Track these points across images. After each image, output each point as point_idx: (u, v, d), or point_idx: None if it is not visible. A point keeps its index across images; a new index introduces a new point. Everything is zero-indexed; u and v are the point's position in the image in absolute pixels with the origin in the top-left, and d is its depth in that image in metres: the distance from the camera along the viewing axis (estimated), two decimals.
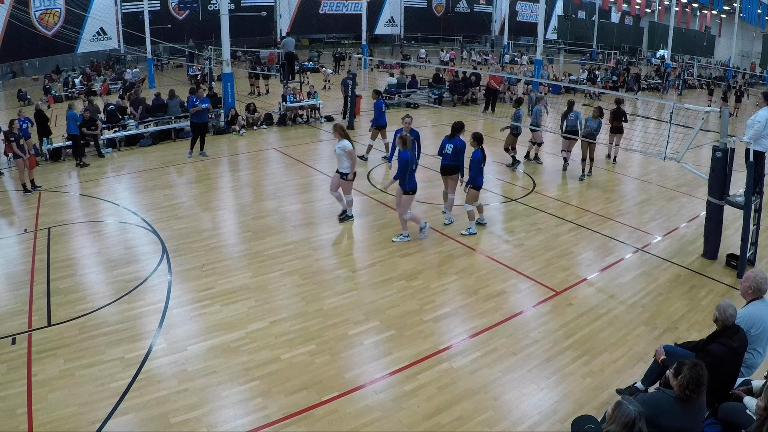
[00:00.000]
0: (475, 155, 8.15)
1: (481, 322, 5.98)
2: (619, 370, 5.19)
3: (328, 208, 9.53)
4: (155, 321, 5.92)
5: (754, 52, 43.86)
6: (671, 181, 11.50)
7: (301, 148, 13.93)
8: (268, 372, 5.08)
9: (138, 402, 4.66)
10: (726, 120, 7.45)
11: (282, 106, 17.07)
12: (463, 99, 20.52)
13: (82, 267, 7.25)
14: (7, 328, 5.73)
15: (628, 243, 8.21)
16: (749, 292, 4.41)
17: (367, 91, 19.68)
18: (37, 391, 4.77)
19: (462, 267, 7.30)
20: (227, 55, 15.72)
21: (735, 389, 4.11)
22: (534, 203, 9.84)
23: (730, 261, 7.47)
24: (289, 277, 6.97)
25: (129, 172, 11.98)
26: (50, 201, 9.94)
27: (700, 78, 33.24)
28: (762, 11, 37.19)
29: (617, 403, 3.13)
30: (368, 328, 5.83)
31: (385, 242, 8.05)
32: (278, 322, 5.93)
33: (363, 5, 31.29)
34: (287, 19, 38.12)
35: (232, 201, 10.08)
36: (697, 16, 49.05)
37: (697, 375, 3.37)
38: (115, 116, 14.72)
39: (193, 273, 7.05)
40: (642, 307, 6.37)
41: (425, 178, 11.44)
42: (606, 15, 48.90)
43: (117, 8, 28.96)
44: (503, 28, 42.18)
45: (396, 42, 43.78)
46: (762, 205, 7.60)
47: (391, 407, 4.66)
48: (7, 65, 27.24)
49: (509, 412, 4.65)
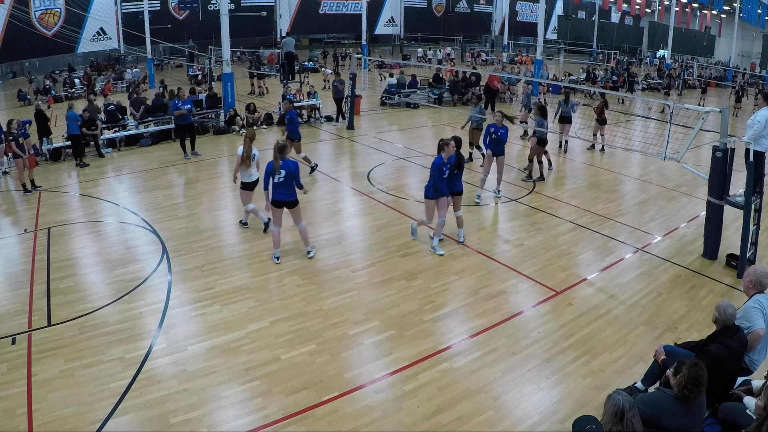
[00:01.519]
0: (435, 162, 7.31)
1: (481, 322, 5.98)
2: (619, 370, 5.18)
3: (328, 208, 9.54)
4: (155, 321, 5.92)
5: (754, 52, 43.85)
6: (671, 181, 11.50)
7: (301, 148, 13.88)
8: (268, 372, 5.08)
9: (138, 402, 4.65)
10: (726, 120, 7.45)
11: (282, 106, 17.07)
12: (463, 99, 20.52)
13: (82, 267, 7.26)
14: (7, 328, 5.73)
15: (628, 243, 8.21)
16: (750, 287, 4.47)
17: (367, 91, 19.72)
18: (37, 391, 4.77)
19: (462, 267, 7.30)
20: (227, 55, 15.72)
21: (735, 389, 4.11)
22: (534, 203, 9.84)
23: (730, 261, 7.47)
24: (289, 277, 6.97)
25: (129, 172, 11.98)
26: (50, 201, 9.94)
27: (700, 78, 33.24)
28: (762, 11, 37.19)
29: (608, 397, 3.20)
30: (368, 328, 5.83)
31: (385, 242, 8.05)
32: (278, 322, 5.93)
33: (363, 5, 31.31)
34: (287, 19, 38.16)
35: (232, 201, 10.08)
36: (697, 16, 49.08)
37: (696, 374, 3.38)
38: (115, 116, 14.73)
39: (193, 273, 7.05)
40: (642, 307, 6.37)
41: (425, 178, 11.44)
42: (606, 15, 48.94)
43: (117, 8, 28.97)
44: (503, 28, 42.22)
45: (396, 42, 43.80)
46: (762, 205, 7.59)
47: (391, 407, 4.66)
48: (7, 65, 27.24)
49: (509, 412, 4.65)
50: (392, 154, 13.30)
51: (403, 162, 12.62)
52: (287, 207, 7.13)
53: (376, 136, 15.29)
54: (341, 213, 9.42)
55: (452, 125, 17.11)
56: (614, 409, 3.08)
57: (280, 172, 6.90)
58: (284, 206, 7.11)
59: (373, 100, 20.96)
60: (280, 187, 6.98)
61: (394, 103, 20.38)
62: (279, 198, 7.04)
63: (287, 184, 6.98)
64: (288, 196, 7.05)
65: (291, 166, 6.97)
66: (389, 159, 12.82)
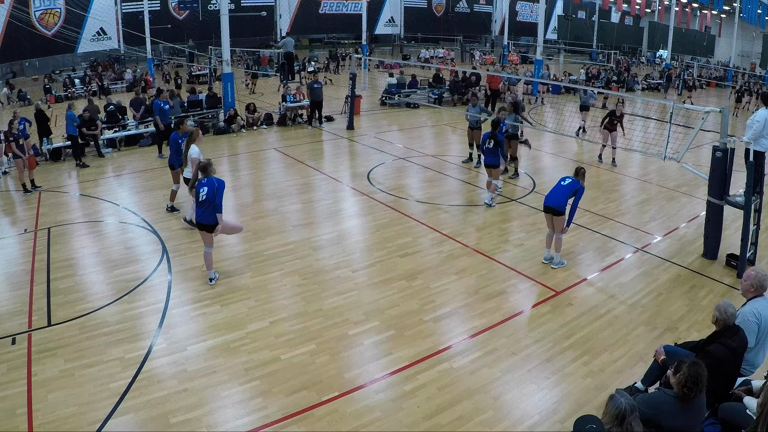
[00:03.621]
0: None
1: (481, 322, 5.98)
2: (619, 370, 5.19)
3: (328, 208, 9.54)
4: (155, 321, 5.92)
5: (754, 52, 43.84)
6: (671, 181, 11.50)
7: (301, 148, 13.93)
8: (268, 372, 5.08)
9: (138, 402, 4.66)
10: (726, 120, 7.45)
11: (282, 106, 17.07)
12: (463, 99, 20.52)
13: (82, 267, 7.26)
14: (7, 328, 5.73)
15: (628, 243, 8.21)
16: (751, 290, 4.39)
17: (367, 91, 19.71)
18: (37, 391, 4.77)
19: (462, 267, 7.30)
20: (227, 55, 15.72)
21: (735, 389, 4.11)
22: (534, 203, 9.83)
23: (730, 261, 7.47)
24: (289, 277, 6.97)
25: (129, 172, 11.98)
26: (50, 201, 9.94)
27: (700, 78, 33.24)
28: (762, 11, 37.16)
29: (610, 396, 3.20)
30: (368, 328, 5.83)
31: (385, 242, 8.05)
32: (278, 322, 5.93)
33: (363, 5, 31.32)
34: (287, 19, 38.15)
35: (232, 201, 10.07)
36: (697, 16, 49.06)
37: (696, 373, 3.38)
38: (115, 116, 14.74)
39: (193, 273, 7.05)
40: (642, 307, 6.37)
41: (425, 178, 11.45)
42: (606, 15, 48.90)
43: (117, 8, 28.97)
44: (503, 28, 42.20)
45: (396, 42, 43.80)
46: (762, 205, 7.60)
47: (391, 407, 4.66)
48: (7, 65, 27.24)
49: (509, 412, 4.65)
50: (392, 154, 13.30)
51: (403, 162, 12.62)
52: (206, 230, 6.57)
53: (376, 136, 15.29)
54: (341, 213, 9.42)
55: (452, 125, 17.12)
56: (616, 411, 3.08)
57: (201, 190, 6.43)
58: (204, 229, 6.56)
59: (373, 100, 20.96)
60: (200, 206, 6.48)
61: (394, 103, 20.38)
62: (198, 219, 6.56)
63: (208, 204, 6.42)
64: (206, 218, 6.50)
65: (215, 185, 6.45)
66: (389, 159, 12.82)
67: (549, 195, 7.18)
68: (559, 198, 7.01)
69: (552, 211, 7.06)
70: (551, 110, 20.26)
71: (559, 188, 7.08)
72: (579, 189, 6.98)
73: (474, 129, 12.02)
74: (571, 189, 6.98)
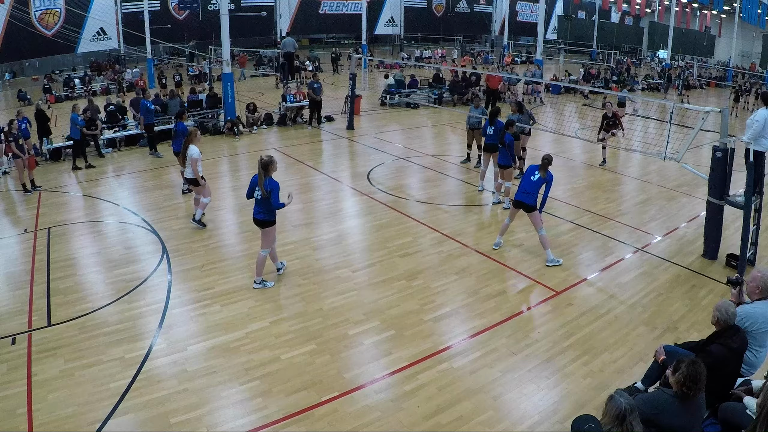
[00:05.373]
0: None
1: (481, 322, 5.98)
2: (619, 370, 5.19)
3: (328, 208, 9.54)
4: (155, 321, 5.92)
5: (754, 52, 43.81)
6: (671, 181, 11.50)
7: (301, 148, 13.93)
8: (268, 372, 5.08)
9: (138, 402, 4.66)
10: (726, 120, 7.45)
11: (282, 106, 17.07)
12: (463, 99, 20.52)
13: (82, 267, 7.26)
14: (7, 328, 5.73)
15: (628, 243, 8.21)
16: (756, 292, 4.35)
17: (367, 91, 19.71)
18: (37, 391, 4.77)
19: (462, 267, 7.30)
20: (227, 55, 15.71)
21: (735, 389, 4.11)
22: None
23: (730, 261, 7.47)
24: (289, 277, 6.97)
25: (129, 172, 11.98)
26: (50, 201, 9.94)
27: (701, 78, 33.23)
28: (762, 11, 37.12)
29: (609, 397, 3.19)
30: (368, 328, 5.83)
31: (385, 242, 8.05)
32: (278, 322, 5.93)
33: (363, 5, 31.27)
34: (287, 19, 38.13)
35: (232, 201, 10.09)
36: (697, 16, 49.03)
37: (695, 372, 3.37)
38: (115, 116, 14.74)
39: (193, 273, 7.05)
40: (642, 307, 6.37)
41: (425, 178, 11.45)
42: (606, 15, 48.88)
43: (117, 8, 28.95)
44: (503, 28, 42.20)
45: (396, 42, 43.79)
46: (762, 205, 7.59)
47: (391, 407, 4.66)
48: (7, 65, 27.25)
49: (509, 412, 4.65)
50: (392, 154, 13.30)
51: (403, 162, 12.62)
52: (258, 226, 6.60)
53: (376, 136, 15.28)
54: (341, 213, 9.42)
55: (452, 125, 17.12)
56: (616, 411, 3.07)
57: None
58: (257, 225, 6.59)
59: (373, 100, 20.95)
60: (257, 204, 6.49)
61: (394, 103, 20.37)
62: (253, 215, 6.57)
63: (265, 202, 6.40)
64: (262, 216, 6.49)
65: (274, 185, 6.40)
66: (389, 159, 12.82)
67: (519, 190, 7.34)
68: (530, 193, 7.18)
69: (523, 206, 7.22)
70: (551, 110, 20.25)
71: (529, 183, 7.23)
72: (548, 180, 7.17)
73: (474, 130, 12.00)
74: (540, 183, 7.17)
